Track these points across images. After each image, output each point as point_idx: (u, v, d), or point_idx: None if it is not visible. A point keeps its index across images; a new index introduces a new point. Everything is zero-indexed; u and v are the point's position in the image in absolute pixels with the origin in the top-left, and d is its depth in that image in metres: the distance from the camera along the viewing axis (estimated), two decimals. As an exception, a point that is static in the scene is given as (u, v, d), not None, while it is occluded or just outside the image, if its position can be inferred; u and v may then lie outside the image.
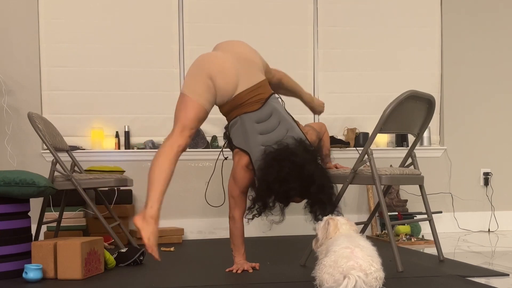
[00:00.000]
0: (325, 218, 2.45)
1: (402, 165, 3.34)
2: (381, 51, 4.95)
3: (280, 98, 3.17)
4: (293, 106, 4.83)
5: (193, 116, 2.82)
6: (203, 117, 2.89)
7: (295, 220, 4.72)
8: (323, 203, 2.76)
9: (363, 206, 4.82)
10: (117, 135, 4.56)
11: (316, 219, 2.74)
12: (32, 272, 2.76)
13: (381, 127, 2.90)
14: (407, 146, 4.85)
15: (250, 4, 4.78)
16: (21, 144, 4.43)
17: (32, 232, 3.12)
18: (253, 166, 2.86)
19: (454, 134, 4.98)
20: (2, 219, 2.88)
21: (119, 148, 4.55)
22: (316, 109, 3.66)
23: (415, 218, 4.51)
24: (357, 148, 4.71)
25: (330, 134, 4.83)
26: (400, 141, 4.88)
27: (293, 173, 2.69)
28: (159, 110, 4.64)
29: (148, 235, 2.63)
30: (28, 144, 4.43)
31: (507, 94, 5.06)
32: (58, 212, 3.92)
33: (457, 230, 4.90)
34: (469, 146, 4.98)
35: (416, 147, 3.31)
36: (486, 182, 4.98)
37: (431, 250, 3.65)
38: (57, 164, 3.58)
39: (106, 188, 4.21)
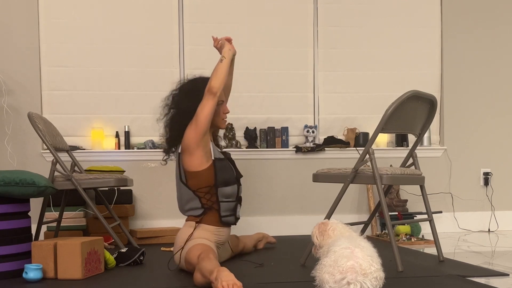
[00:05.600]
0: (317, 223, 2.47)
1: (403, 165, 3.34)
2: (381, 51, 4.95)
3: None
4: (293, 106, 4.85)
5: None
6: None
7: (295, 220, 4.74)
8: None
9: (363, 206, 4.82)
10: (117, 135, 4.56)
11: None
12: (32, 272, 2.76)
13: (383, 127, 2.90)
14: (407, 146, 4.85)
15: (250, 4, 4.78)
16: (21, 144, 4.43)
17: (32, 232, 3.12)
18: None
19: (454, 134, 4.98)
20: (2, 219, 2.88)
21: (119, 148, 4.55)
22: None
23: (415, 218, 4.51)
24: (357, 148, 4.71)
25: (330, 134, 4.84)
26: (400, 141, 4.88)
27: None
28: (159, 110, 4.63)
29: None
30: (28, 144, 4.43)
31: (507, 94, 5.06)
32: (58, 212, 3.92)
33: (457, 230, 4.90)
34: (469, 146, 4.99)
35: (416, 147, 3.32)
36: (486, 182, 4.98)
37: (431, 250, 3.65)
38: (57, 164, 3.58)
39: (106, 188, 4.21)
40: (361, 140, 4.77)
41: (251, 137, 4.69)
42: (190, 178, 3.08)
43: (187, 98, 3.15)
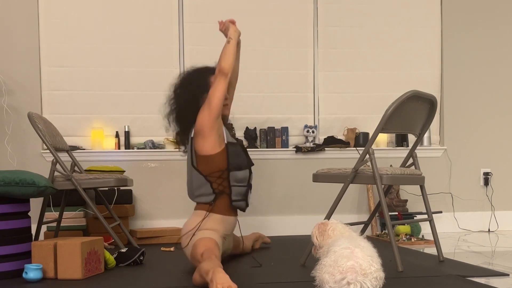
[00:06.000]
0: (317, 223, 2.47)
1: (403, 165, 3.34)
2: (381, 51, 4.95)
3: None
4: (293, 106, 4.85)
5: None
6: None
7: (295, 220, 4.74)
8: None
9: (363, 206, 4.82)
10: (117, 135, 4.56)
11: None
12: (32, 272, 2.76)
13: (383, 127, 2.90)
14: (407, 146, 4.85)
15: (250, 4, 4.78)
16: (21, 144, 4.43)
17: (32, 232, 3.12)
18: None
19: (454, 134, 4.98)
20: (2, 219, 2.88)
21: (119, 148, 4.55)
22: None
23: (415, 218, 4.51)
24: (357, 148, 4.71)
25: (330, 134, 4.84)
26: (400, 141, 4.88)
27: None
28: (159, 110, 4.63)
29: None
30: (28, 144, 4.43)
31: (507, 94, 5.06)
32: (58, 212, 3.92)
33: (457, 230, 4.90)
34: (469, 146, 4.98)
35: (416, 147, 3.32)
36: (486, 182, 4.98)
37: (431, 250, 3.65)
38: (57, 164, 3.57)
39: (106, 188, 4.21)
40: (361, 140, 4.77)
41: (251, 137, 4.69)
42: (201, 163, 3.07)
43: (188, 90, 3.20)
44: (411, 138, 4.86)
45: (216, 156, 3.05)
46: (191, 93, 3.16)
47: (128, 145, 4.55)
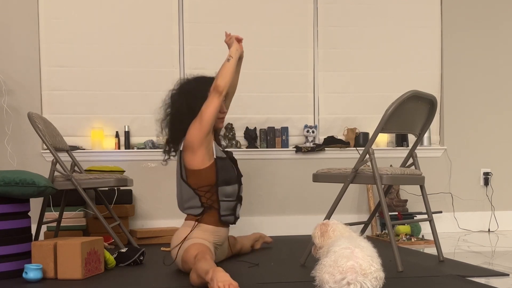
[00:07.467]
0: (318, 223, 2.47)
1: (403, 165, 3.34)
2: (381, 51, 4.95)
3: None
4: (293, 106, 4.85)
5: None
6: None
7: (295, 220, 4.74)
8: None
9: (363, 206, 4.82)
10: (117, 135, 4.56)
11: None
12: (32, 272, 2.76)
13: (383, 127, 2.90)
14: (407, 146, 4.85)
15: (250, 4, 4.78)
16: (21, 144, 4.43)
17: (32, 232, 3.12)
18: None
19: (454, 134, 4.98)
20: (2, 219, 2.88)
21: (119, 148, 4.55)
22: None
23: (415, 218, 4.51)
24: (357, 148, 4.71)
25: (330, 134, 4.84)
26: (400, 141, 4.88)
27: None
28: (159, 111, 4.62)
29: None
30: (28, 144, 4.43)
31: (507, 94, 5.06)
32: (58, 212, 3.92)
33: (457, 230, 4.90)
34: (469, 146, 4.98)
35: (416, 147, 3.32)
36: (486, 182, 4.98)
37: (431, 250, 3.65)
38: (57, 164, 3.58)
39: (106, 188, 4.21)
40: (361, 140, 4.77)
41: (251, 137, 4.69)
42: (190, 176, 3.08)
43: (184, 98, 3.17)
44: (411, 138, 4.86)
45: (204, 171, 3.05)
46: (188, 103, 3.13)
47: (128, 145, 4.56)
